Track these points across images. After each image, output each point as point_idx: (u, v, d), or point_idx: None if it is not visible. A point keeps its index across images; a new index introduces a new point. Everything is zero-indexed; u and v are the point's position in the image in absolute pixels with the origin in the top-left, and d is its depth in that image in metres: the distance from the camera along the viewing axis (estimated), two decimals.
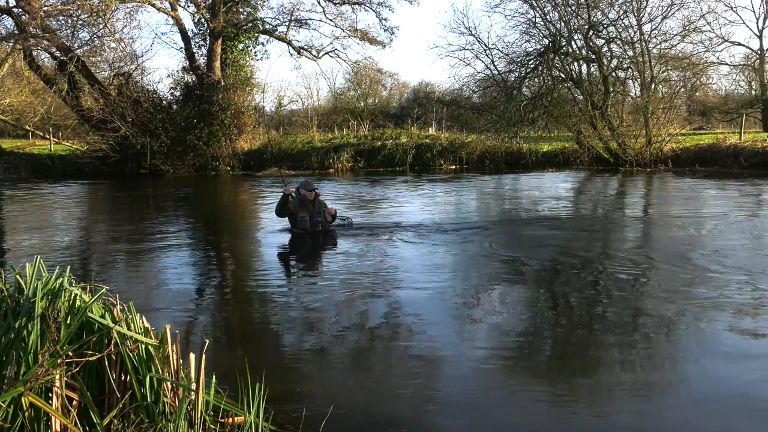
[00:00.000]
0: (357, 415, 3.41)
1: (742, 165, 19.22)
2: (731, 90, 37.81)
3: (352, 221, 9.42)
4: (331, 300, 5.64)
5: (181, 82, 23.93)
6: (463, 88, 26.85)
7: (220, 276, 6.98)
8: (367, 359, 4.29)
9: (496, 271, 6.75)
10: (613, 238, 8.96)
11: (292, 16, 23.95)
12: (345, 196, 14.22)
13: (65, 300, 2.90)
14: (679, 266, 6.59)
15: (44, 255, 6.75)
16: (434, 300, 5.55)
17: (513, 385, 3.85)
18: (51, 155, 23.73)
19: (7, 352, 2.63)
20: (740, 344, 4.39)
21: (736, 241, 7.93)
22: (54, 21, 20.61)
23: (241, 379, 2.98)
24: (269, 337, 4.75)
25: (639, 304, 5.36)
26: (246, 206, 14.35)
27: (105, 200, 15.86)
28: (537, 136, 24.44)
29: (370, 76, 39.04)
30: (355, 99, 44.53)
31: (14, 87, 25.23)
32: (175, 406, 2.76)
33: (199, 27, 23.88)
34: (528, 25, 23.53)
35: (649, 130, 21.19)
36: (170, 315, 5.10)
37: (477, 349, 4.38)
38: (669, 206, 12.13)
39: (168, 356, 2.85)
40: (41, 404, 2.46)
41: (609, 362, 4.15)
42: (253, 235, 9.96)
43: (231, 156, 23.06)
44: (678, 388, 3.75)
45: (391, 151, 23.32)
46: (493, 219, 10.96)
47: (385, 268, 6.86)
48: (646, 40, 22.27)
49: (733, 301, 5.29)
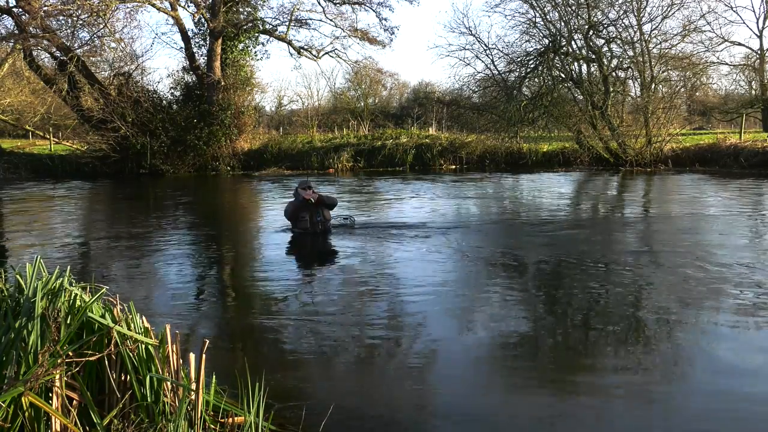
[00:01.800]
0: (357, 415, 3.41)
1: (742, 165, 19.22)
2: (731, 90, 37.86)
3: (354, 220, 9.42)
4: (332, 300, 5.64)
5: (181, 82, 23.94)
6: (463, 88, 26.89)
7: (220, 276, 6.98)
8: (367, 359, 4.29)
9: (497, 271, 6.75)
10: (614, 238, 8.96)
11: (292, 16, 23.97)
12: (345, 196, 14.21)
13: (65, 300, 2.90)
14: (679, 266, 6.59)
15: (44, 255, 6.77)
16: (434, 300, 5.55)
17: (513, 386, 3.85)
18: (51, 155, 23.74)
19: (7, 352, 2.63)
20: (740, 344, 4.39)
21: (737, 241, 7.93)
22: (54, 21, 20.62)
23: (241, 379, 2.98)
24: (269, 337, 4.74)
25: (639, 305, 5.35)
26: (246, 206, 14.35)
27: (105, 200, 15.86)
28: (537, 136, 24.44)
29: (370, 76, 39.05)
30: (355, 99, 44.55)
31: (14, 87, 25.24)
32: (175, 406, 2.76)
33: (199, 27, 23.90)
34: (528, 25, 23.57)
35: (649, 130, 21.20)
36: (170, 315, 5.10)
37: (477, 349, 4.38)
38: (669, 206, 12.13)
39: (168, 356, 2.85)
40: (41, 404, 2.46)
41: (609, 362, 4.15)
42: (253, 234, 9.96)
43: (231, 156, 23.08)
44: (678, 388, 3.75)
45: (391, 151, 23.32)
46: (493, 219, 10.96)
47: (385, 268, 6.86)
48: (646, 40, 22.27)
49: (734, 300, 5.29)
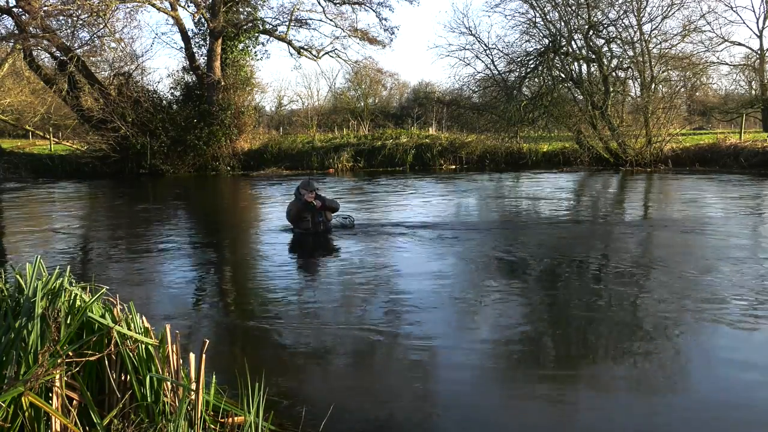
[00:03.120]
0: (357, 415, 3.41)
1: (742, 165, 19.22)
2: (731, 90, 37.86)
3: (353, 220, 9.43)
4: (332, 300, 5.64)
5: (181, 82, 23.94)
6: (463, 88, 26.90)
7: (221, 276, 6.98)
8: (368, 359, 4.29)
9: (497, 271, 6.75)
10: (613, 238, 8.95)
11: (292, 16, 23.97)
12: (345, 196, 14.21)
13: (65, 300, 2.90)
14: (680, 266, 6.59)
15: (44, 255, 6.77)
16: (435, 300, 5.55)
17: (513, 386, 3.85)
18: (51, 155, 23.74)
19: (7, 352, 2.63)
20: (740, 344, 4.39)
21: (737, 241, 7.93)
22: (54, 21, 20.60)
23: (241, 379, 2.98)
24: (269, 337, 4.74)
25: (639, 305, 5.35)
26: (246, 206, 14.34)
27: (105, 200, 15.85)
28: (537, 136, 24.44)
29: (370, 76, 39.03)
30: (355, 99, 44.54)
31: (14, 87, 25.24)
32: (175, 406, 2.76)
33: (199, 27, 23.90)
34: (528, 25, 23.57)
35: (649, 129, 21.19)
36: (170, 315, 5.10)
37: (477, 349, 4.38)
38: (669, 206, 12.13)
39: (168, 356, 2.85)
40: (41, 404, 2.46)
41: (609, 363, 4.15)
42: (253, 234, 9.96)
43: (231, 156, 23.08)
44: (678, 389, 3.75)
45: (391, 151, 23.32)
46: (493, 219, 10.95)
47: (386, 268, 6.86)
48: (646, 40, 22.26)
49: (734, 300, 5.29)
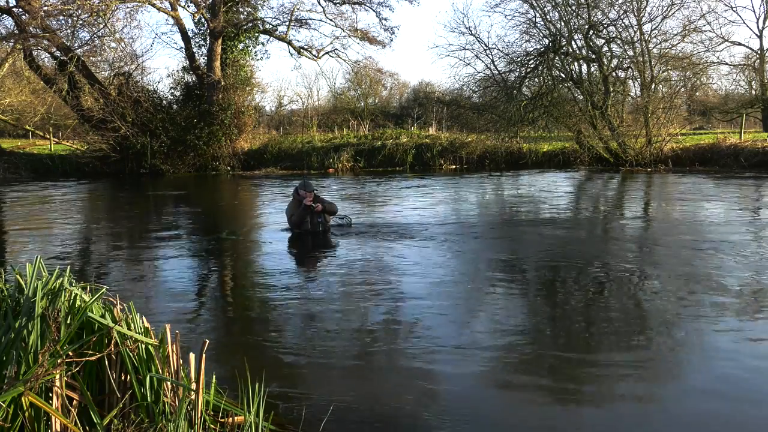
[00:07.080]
0: (357, 415, 3.41)
1: (742, 165, 19.23)
2: (731, 90, 37.85)
3: (351, 220, 9.44)
4: (331, 300, 5.64)
5: (181, 82, 23.95)
6: (463, 88, 26.94)
7: (220, 276, 6.98)
8: (367, 359, 4.29)
9: (497, 271, 6.75)
10: (613, 238, 8.95)
11: (292, 16, 23.97)
12: (345, 196, 14.22)
13: (65, 300, 2.90)
14: (680, 266, 6.59)
15: (44, 255, 6.77)
16: (435, 300, 5.55)
17: (513, 385, 3.85)
18: (51, 155, 23.76)
19: (7, 352, 2.63)
20: (741, 344, 4.39)
21: (737, 241, 7.92)
22: (54, 21, 20.62)
23: (241, 379, 2.98)
24: (269, 336, 4.74)
25: (639, 305, 5.36)
26: (246, 206, 14.34)
27: (105, 200, 15.85)
28: (537, 136, 24.45)
29: (370, 75, 39.06)
30: (355, 99, 44.56)
31: (14, 87, 25.26)
32: (175, 406, 2.76)
33: (199, 27, 23.92)
34: (528, 25, 23.58)
35: (649, 129, 21.20)
36: (170, 315, 5.10)
37: (477, 349, 4.37)
38: (669, 206, 12.12)
39: (168, 356, 2.85)
40: (41, 404, 2.46)
41: (610, 363, 4.15)
42: (253, 234, 9.96)
43: (231, 156, 23.09)
44: (678, 389, 3.75)
45: (391, 151, 23.33)
46: (493, 219, 10.96)
47: (385, 268, 6.86)
48: (646, 39, 22.28)
49: (734, 301, 5.29)
